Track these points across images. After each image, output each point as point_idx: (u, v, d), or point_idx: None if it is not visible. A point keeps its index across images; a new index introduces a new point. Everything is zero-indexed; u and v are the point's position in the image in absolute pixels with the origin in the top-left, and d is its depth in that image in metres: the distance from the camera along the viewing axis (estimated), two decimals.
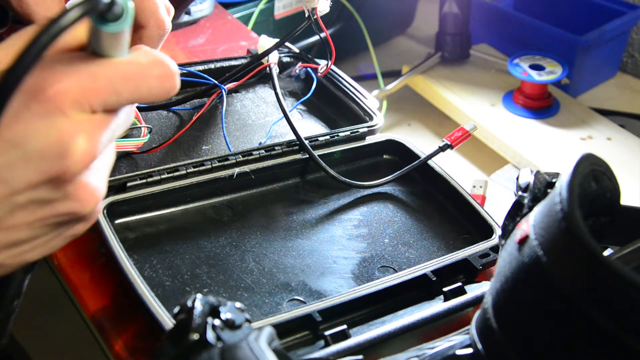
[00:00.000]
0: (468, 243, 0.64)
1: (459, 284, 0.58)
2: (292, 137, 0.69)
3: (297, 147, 0.70)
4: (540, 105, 1.03)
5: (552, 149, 0.96)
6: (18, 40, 0.37)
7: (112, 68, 0.38)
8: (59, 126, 0.36)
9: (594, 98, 1.12)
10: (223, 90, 0.74)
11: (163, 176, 0.64)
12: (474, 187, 0.87)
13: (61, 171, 0.37)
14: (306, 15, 0.71)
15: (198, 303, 0.42)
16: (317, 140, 0.71)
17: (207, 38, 0.95)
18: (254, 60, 0.76)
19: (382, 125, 0.74)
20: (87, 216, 0.41)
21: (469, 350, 0.45)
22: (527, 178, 0.46)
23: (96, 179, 0.40)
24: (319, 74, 0.79)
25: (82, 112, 0.37)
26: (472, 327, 0.43)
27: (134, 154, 0.68)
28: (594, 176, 0.40)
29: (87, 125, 0.37)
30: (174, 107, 0.75)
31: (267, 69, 0.75)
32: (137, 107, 0.70)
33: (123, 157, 0.67)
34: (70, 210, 0.39)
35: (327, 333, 0.52)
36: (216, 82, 0.75)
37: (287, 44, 0.80)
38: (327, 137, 0.71)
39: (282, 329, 0.52)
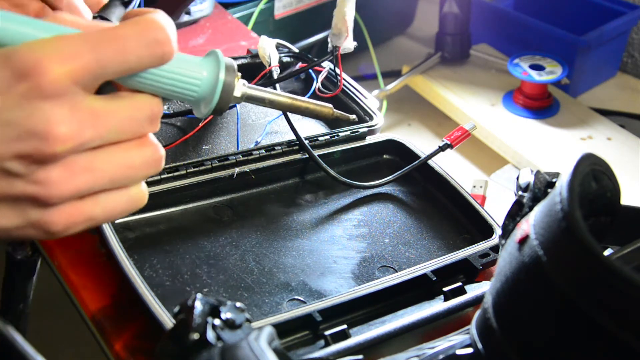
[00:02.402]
0: (468, 243, 0.64)
1: (459, 283, 0.58)
2: (292, 136, 0.69)
3: (297, 147, 0.70)
4: (540, 105, 1.03)
5: (552, 149, 0.96)
6: None
7: (95, 46, 0.38)
8: (41, 107, 0.37)
9: (594, 98, 1.12)
10: None
11: (163, 176, 0.64)
12: (474, 187, 0.87)
13: (35, 150, 0.37)
14: (329, 50, 0.72)
15: (198, 303, 0.42)
16: (317, 140, 0.71)
17: (207, 38, 0.95)
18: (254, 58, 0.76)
19: (382, 125, 0.74)
20: (49, 217, 0.40)
21: (469, 350, 0.45)
22: (527, 178, 0.45)
23: (71, 175, 0.39)
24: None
25: (69, 94, 0.37)
26: (472, 327, 0.43)
27: None
28: (594, 176, 0.40)
29: (70, 111, 0.37)
30: (177, 116, 0.73)
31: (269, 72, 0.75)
32: None
33: None
34: (30, 192, 0.39)
35: (327, 333, 0.52)
36: None
37: (287, 44, 0.80)
38: (327, 137, 0.71)
39: (282, 329, 0.52)
